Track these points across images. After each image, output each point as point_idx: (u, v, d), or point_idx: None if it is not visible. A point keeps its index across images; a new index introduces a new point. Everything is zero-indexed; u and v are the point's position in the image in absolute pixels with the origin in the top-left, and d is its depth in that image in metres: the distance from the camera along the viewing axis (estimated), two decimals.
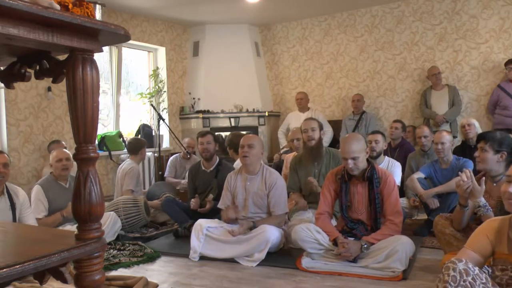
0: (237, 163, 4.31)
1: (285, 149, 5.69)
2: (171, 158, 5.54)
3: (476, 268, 1.70)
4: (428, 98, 5.81)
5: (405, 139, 5.23)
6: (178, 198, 4.66)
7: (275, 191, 3.38)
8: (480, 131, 4.57)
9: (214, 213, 3.76)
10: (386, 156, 4.31)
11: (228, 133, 6.61)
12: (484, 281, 1.67)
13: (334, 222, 3.29)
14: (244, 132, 6.49)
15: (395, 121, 5.29)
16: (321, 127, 3.81)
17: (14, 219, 3.16)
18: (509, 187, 1.89)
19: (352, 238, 2.98)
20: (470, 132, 4.50)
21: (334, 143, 6.11)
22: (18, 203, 3.24)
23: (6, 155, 3.17)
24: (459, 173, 2.57)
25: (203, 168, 4.21)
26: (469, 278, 1.65)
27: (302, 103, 6.44)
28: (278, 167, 4.76)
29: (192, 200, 4.09)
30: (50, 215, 3.66)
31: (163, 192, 4.76)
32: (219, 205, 3.58)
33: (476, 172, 2.82)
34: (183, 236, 3.85)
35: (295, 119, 6.43)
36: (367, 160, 3.06)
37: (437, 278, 1.72)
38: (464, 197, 2.49)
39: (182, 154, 5.46)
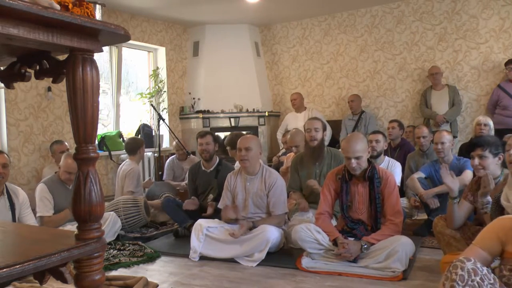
0: (238, 163, 4.30)
1: (283, 150, 5.68)
2: (167, 161, 5.50)
3: (485, 268, 1.66)
4: (428, 98, 5.80)
5: (405, 139, 5.23)
6: (178, 198, 4.65)
7: (274, 191, 3.38)
8: (493, 132, 4.56)
9: (214, 213, 3.76)
10: (386, 156, 4.32)
11: (227, 133, 6.62)
12: (492, 281, 1.64)
13: (334, 222, 3.29)
14: (244, 132, 6.50)
15: (392, 121, 5.30)
16: (324, 128, 3.82)
17: (14, 219, 3.16)
18: None
19: (352, 238, 2.98)
20: (485, 131, 4.50)
21: (334, 143, 6.11)
22: (18, 203, 3.24)
23: (6, 155, 3.16)
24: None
25: (203, 168, 4.20)
26: (477, 278, 1.61)
27: (296, 103, 6.46)
28: (277, 170, 4.76)
29: (188, 201, 4.06)
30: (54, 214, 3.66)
31: (163, 192, 4.76)
32: (219, 205, 3.58)
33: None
34: (183, 236, 3.85)
35: (292, 120, 6.45)
36: (368, 160, 3.07)
37: (444, 275, 1.68)
38: (452, 190, 2.70)
39: (178, 155, 5.42)
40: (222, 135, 6.60)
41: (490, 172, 2.65)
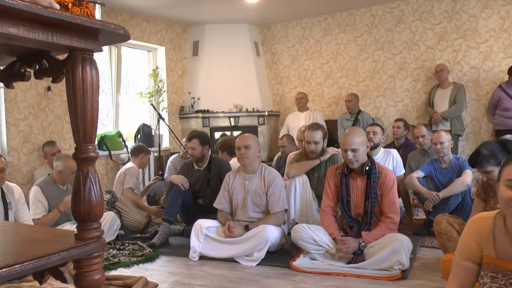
0: (234, 163, 4.29)
1: (279, 154, 5.58)
2: (170, 158, 5.51)
3: None
4: (432, 96, 5.79)
5: (409, 139, 5.21)
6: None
7: (274, 189, 3.39)
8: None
9: (213, 213, 3.74)
10: (382, 148, 4.32)
11: (226, 132, 6.62)
12: None
13: None
14: (230, 133, 6.49)
15: (397, 120, 5.28)
16: (325, 136, 3.79)
17: (6, 219, 3.13)
18: None
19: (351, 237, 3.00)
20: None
21: (332, 142, 6.09)
22: (14, 201, 3.21)
23: (3, 159, 3.13)
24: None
25: (196, 167, 4.19)
26: None
27: (302, 102, 6.43)
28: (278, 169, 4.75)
29: (181, 176, 4.02)
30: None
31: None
32: (215, 205, 3.57)
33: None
34: (161, 245, 3.65)
35: (294, 120, 6.43)
36: (368, 155, 3.11)
37: None
38: None
39: (182, 153, 5.44)
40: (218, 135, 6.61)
41: None
